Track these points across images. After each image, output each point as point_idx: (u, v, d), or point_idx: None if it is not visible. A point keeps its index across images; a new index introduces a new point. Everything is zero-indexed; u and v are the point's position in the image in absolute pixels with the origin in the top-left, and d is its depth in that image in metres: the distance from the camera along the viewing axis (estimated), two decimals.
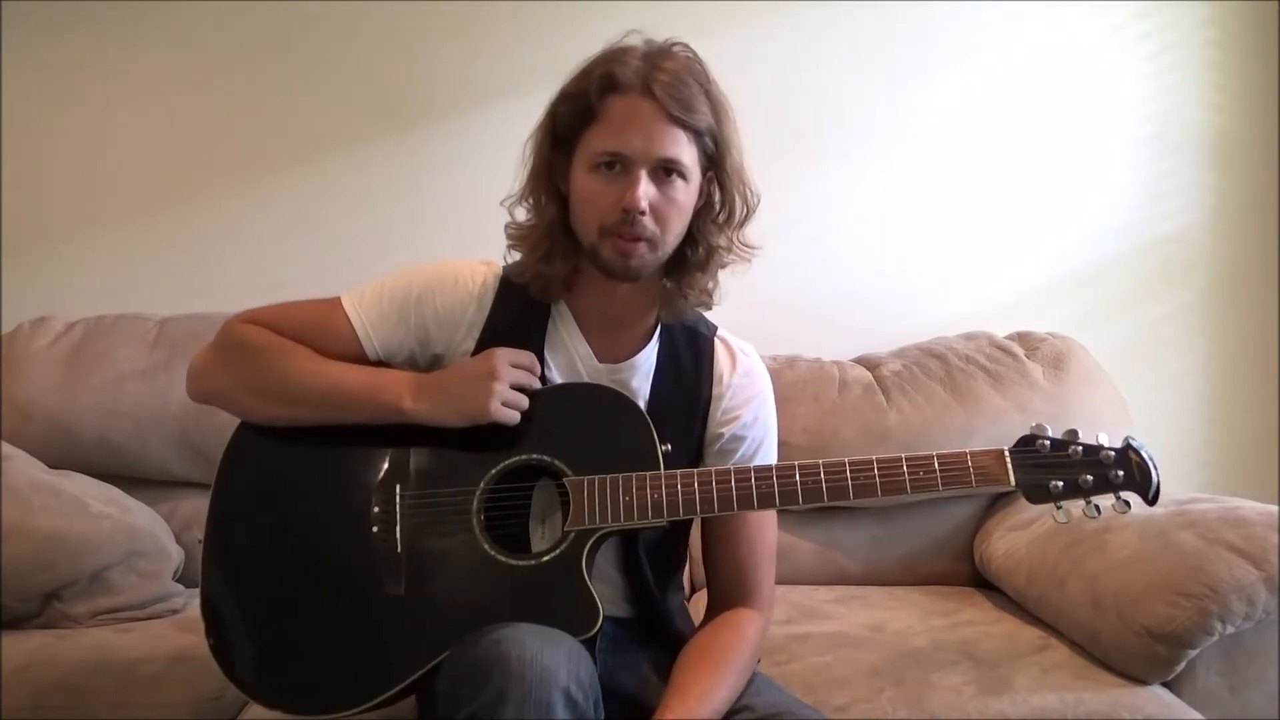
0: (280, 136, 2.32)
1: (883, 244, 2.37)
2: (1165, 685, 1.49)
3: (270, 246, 2.31)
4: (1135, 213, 2.39)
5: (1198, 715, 1.43)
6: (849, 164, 2.36)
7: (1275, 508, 1.58)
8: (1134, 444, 1.20)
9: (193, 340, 2.02)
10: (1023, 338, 2.17)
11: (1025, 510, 1.94)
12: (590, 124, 1.24)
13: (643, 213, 1.21)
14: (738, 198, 1.30)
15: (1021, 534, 1.86)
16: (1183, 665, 1.46)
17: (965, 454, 1.21)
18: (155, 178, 2.31)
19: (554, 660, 1.04)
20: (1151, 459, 1.19)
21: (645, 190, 1.21)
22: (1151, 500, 1.19)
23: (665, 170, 1.23)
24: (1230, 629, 1.44)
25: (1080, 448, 1.20)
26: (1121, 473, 1.19)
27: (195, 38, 2.30)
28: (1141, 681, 1.47)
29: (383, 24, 2.31)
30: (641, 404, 1.33)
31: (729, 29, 2.31)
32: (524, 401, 1.25)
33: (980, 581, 1.98)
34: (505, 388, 1.23)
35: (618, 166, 1.22)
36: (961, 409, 2.00)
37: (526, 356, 1.27)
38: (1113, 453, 1.20)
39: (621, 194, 1.21)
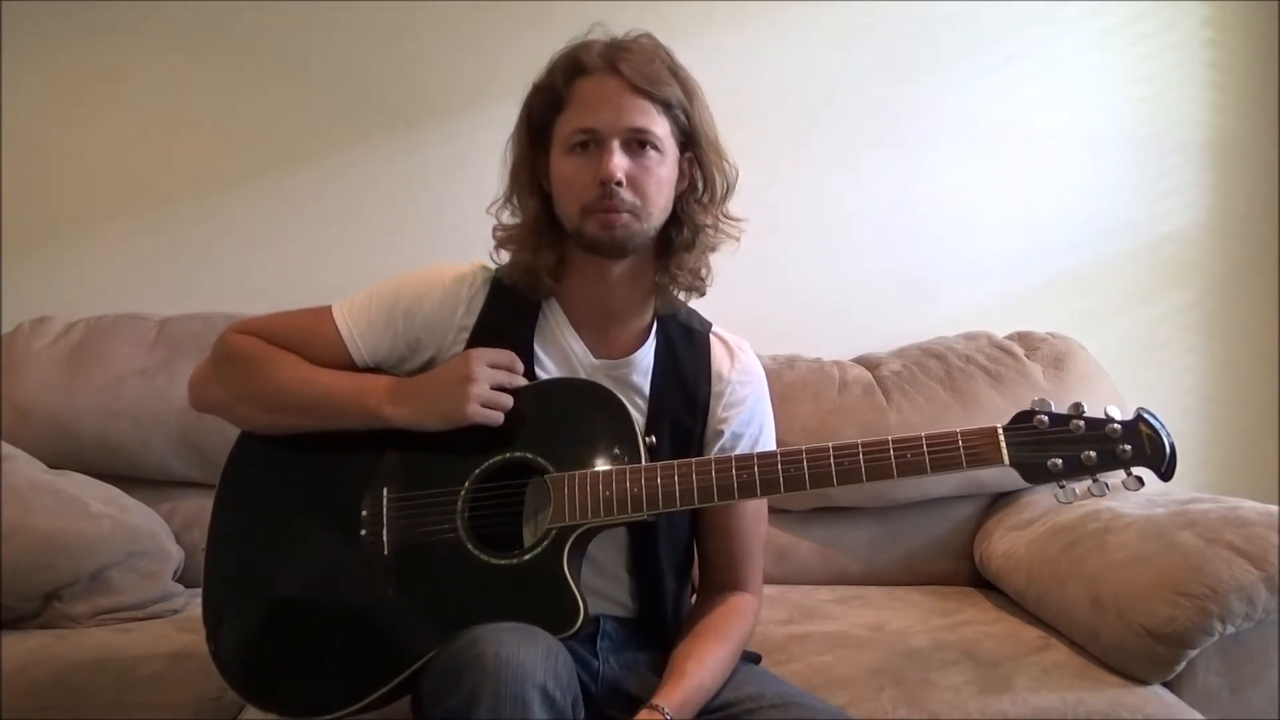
0: (279, 137, 2.32)
1: (883, 244, 2.37)
2: (1165, 685, 1.49)
3: (270, 246, 2.31)
4: (1135, 213, 2.39)
5: (1198, 715, 1.43)
6: (849, 164, 2.35)
7: (1275, 508, 1.58)
8: (1147, 415, 1.14)
9: (193, 340, 2.02)
10: (1023, 338, 2.17)
11: (1025, 510, 1.94)
12: (561, 111, 1.26)
13: (619, 183, 1.22)
14: (717, 174, 1.32)
15: (1021, 534, 1.86)
16: (1183, 665, 1.46)
17: (955, 433, 1.17)
18: (156, 177, 2.31)
19: (530, 658, 1.04)
20: (1165, 431, 1.12)
21: (619, 161, 1.23)
22: (1165, 474, 1.12)
23: (638, 142, 1.24)
24: (1230, 629, 1.44)
25: (1083, 422, 1.14)
26: (1129, 447, 1.12)
27: (195, 38, 2.30)
28: (1142, 681, 1.47)
29: (382, 24, 2.31)
30: (642, 402, 1.33)
31: (729, 29, 2.31)
32: (506, 401, 1.25)
33: (980, 581, 1.98)
34: (483, 389, 1.23)
35: (590, 145, 1.24)
36: (961, 409, 2.00)
37: (506, 355, 1.27)
38: (1120, 426, 1.13)
39: (596, 169, 1.22)
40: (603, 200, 1.23)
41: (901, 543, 2.05)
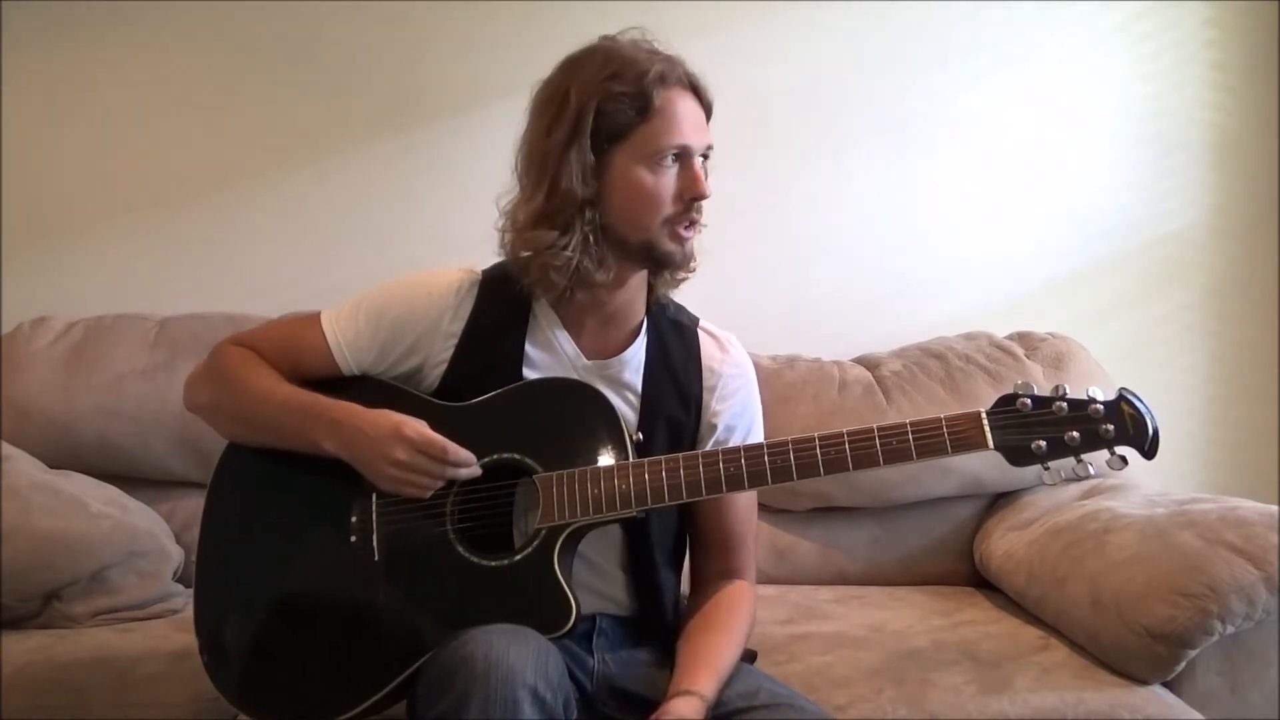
0: (279, 137, 2.31)
1: (882, 244, 2.36)
2: (1165, 685, 1.49)
3: (269, 246, 2.30)
4: (1136, 213, 2.38)
5: (1198, 715, 1.43)
6: (849, 163, 2.35)
7: (1275, 508, 1.58)
8: (1129, 395, 1.13)
9: (193, 340, 2.02)
10: (1023, 338, 2.17)
11: (1025, 510, 1.94)
12: (645, 120, 1.24)
13: (706, 199, 1.27)
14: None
15: (1021, 534, 1.86)
16: (1183, 665, 1.46)
17: (940, 419, 1.18)
18: (155, 178, 2.31)
19: (520, 659, 1.05)
20: (1147, 410, 1.12)
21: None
22: (1148, 453, 1.12)
23: (704, 157, 1.29)
24: (1230, 629, 1.44)
25: (1065, 404, 1.14)
26: (1112, 427, 1.12)
27: (195, 38, 2.30)
28: (1141, 681, 1.47)
29: (382, 24, 2.31)
30: (635, 398, 1.34)
31: (729, 28, 2.31)
32: (432, 486, 1.22)
33: (980, 581, 1.98)
34: (402, 474, 1.21)
35: (679, 161, 1.26)
36: (961, 409, 1.95)
37: (437, 446, 1.21)
38: (1102, 406, 1.13)
39: (686, 185, 1.25)
40: (687, 215, 1.26)
41: (901, 543, 2.05)
